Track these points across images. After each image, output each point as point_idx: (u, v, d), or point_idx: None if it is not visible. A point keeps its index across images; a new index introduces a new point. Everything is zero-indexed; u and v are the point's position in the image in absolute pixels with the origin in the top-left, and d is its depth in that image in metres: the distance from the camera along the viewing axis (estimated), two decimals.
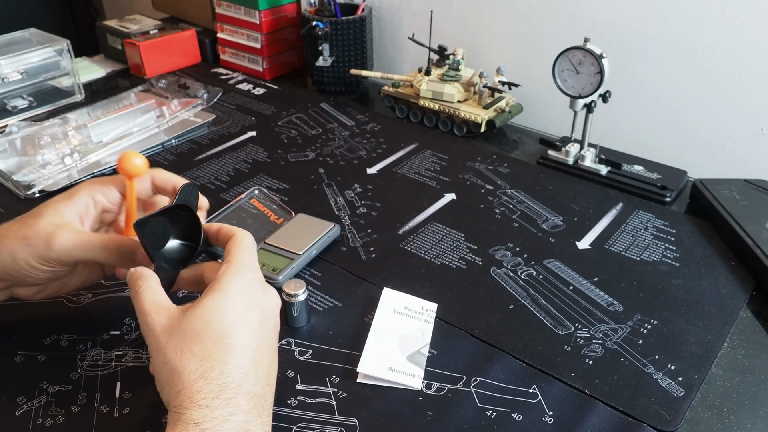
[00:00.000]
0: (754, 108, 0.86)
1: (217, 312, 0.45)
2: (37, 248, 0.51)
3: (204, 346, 0.43)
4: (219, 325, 0.44)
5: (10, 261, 0.51)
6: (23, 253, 0.51)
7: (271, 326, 0.48)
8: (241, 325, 0.45)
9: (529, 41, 1.02)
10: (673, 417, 0.52)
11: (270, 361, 0.47)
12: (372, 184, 0.84)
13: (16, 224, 0.53)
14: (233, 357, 0.43)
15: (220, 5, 1.16)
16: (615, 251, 0.71)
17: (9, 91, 1.03)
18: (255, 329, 0.46)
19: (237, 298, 0.46)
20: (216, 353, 0.43)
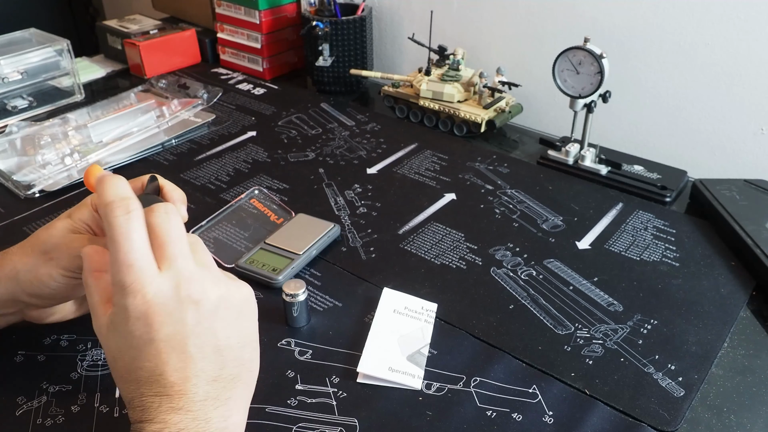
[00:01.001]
0: (754, 108, 0.86)
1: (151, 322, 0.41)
2: (59, 260, 0.50)
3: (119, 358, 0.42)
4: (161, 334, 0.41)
5: (31, 278, 0.50)
6: (46, 268, 0.50)
7: (222, 318, 0.43)
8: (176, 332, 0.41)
9: (529, 41, 1.02)
10: (673, 417, 0.52)
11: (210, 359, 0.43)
12: (372, 184, 0.84)
13: (29, 243, 0.51)
14: (184, 364, 0.41)
15: (220, 5, 1.16)
16: (615, 251, 0.71)
17: (9, 91, 1.03)
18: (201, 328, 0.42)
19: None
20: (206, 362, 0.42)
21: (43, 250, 0.50)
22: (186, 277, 0.41)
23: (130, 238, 0.41)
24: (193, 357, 0.41)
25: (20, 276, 0.50)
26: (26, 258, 0.50)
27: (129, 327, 0.40)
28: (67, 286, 0.51)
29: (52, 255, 0.50)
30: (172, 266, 0.41)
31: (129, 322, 0.40)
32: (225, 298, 0.43)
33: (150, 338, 0.40)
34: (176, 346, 0.40)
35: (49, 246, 0.50)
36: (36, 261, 0.50)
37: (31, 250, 0.51)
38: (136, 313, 0.40)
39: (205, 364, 0.41)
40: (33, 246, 0.51)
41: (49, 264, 0.50)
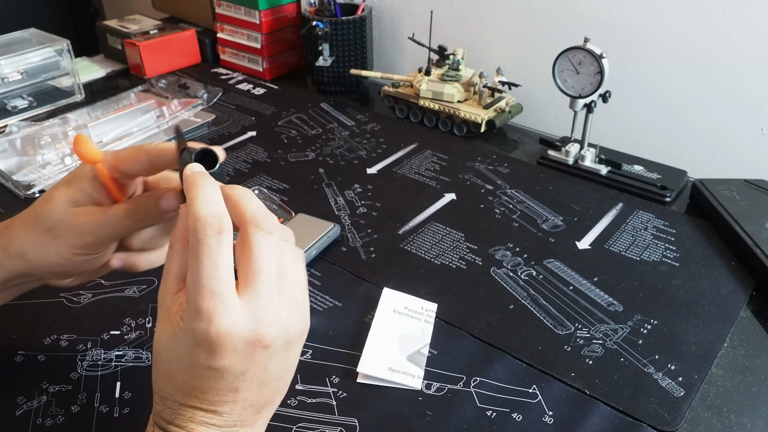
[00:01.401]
0: (754, 108, 0.86)
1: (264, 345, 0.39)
2: (66, 238, 0.47)
3: (245, 377, 0.39)
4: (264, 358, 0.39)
5: (40, 258, 0.48)
6: (54, 247, 0.47)
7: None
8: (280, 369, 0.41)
9: (529, 41, 1.02)
10: (673, 417, 0.52)
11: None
12: (372, 184, 0.84)
13: (30, 218, 0.48)
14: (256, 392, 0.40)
15: (220, 5, 1.16)
16: (615, 251, 0.71)
17: (9, 91, 1.03)
18: (289, 370, 0.42)
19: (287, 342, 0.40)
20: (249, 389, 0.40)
21: (47, 227, 0.47)
22: (264, 320, 0.38)
23: (216, 263, 0.38)
24: (239, 389, 0.40)
25: (28, 255, 0.48)
26: (31, 235, 0.48)
27: (191, 348, 0.38)
28: (80, 262, 0.48)
29: (57, 233, 0.47)
30: (255, 300, 0.38)
31: (193, 345, 0.38)
32: (290, 339, 0.40)
33: (208, 365, 0.38)
34: (228, 378, 0.39)
35: (51, 222, 0.47)
36: (41, 239, 0.47)
37: (33, 227, 0.48)
38: (202, 340, 0.37)
39: (248, 394, 0.40)
40: (35, 222, 0.48)
41: (55, 242, 0.47)
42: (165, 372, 0.40)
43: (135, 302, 0.64)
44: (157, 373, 0.41)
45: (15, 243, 0.48)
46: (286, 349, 0.41)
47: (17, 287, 0.52)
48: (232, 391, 0.39)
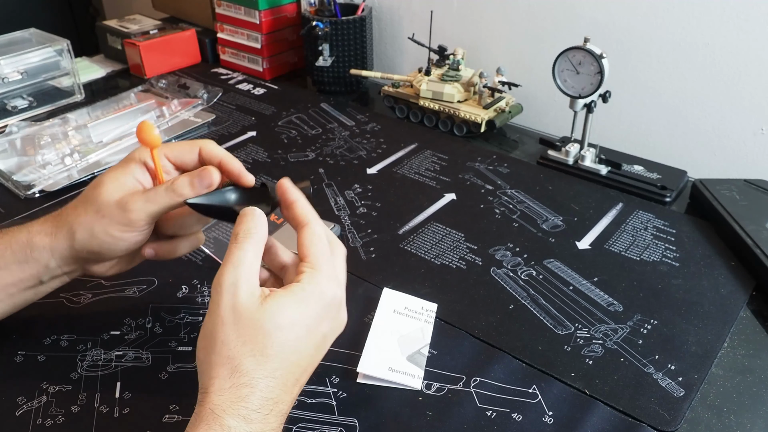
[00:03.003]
0: (754, 108, 0.86)
1: (291, 320, 0.44)
2: (113, 217, 0.51)
3: (265, 351, 0.42)
4: (287, 335, 0.43)
5: (88, 237, 0.52)
6: (101, 226, 0.51)
7: (323, 349, 0.48)
8: (303, 343, 0.44)
9: (529, 41, 1.02)
10: (673, 417, 0.52)
11: (303, 381, 0.46)
12: (372, 184, 0.84)
13: (81, 202, 0.53)
14: (283, 374, 0.43)
15: (220, 5, 1.16)
16: (615, 251, 0.71)
17: (9, 91, 1.03)
18: (312, 350, 0.45)
19: (313, 315, 0.45)
20: (271, 364, 0.42)
21: (95, 208, 0.52)
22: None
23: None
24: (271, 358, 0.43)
25: (77, 235, 0.52)
26: (80, 217, 0.52)
27: (322, 310, 0.46)
28: (125, 242, 0.52)
29: (104, 213, 0.51)
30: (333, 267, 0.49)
31: (326, 306, 0.47)
32: (327, 333, 0.47)
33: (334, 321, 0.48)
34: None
35: (99, 204, 0.51)
36: (90, 219, 0.52)
37: (83, 210, 0.52)
38: (338, 301, 0.48)
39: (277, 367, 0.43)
40: (84, 205, 0.52)
41: (102, 221, 0.51)
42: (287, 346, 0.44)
43: (135, 302, 0.64)
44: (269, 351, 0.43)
45: (65, 225, 0.53)
46: (323, 339, 0.48)
47: (58, 278, 0.55)
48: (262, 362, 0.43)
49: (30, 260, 0.53)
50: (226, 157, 0.54)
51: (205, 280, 0.67)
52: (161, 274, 0.67)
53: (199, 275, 0.67)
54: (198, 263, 0.69)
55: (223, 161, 0.54)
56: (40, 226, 0.54)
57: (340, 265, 0.50)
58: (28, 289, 0.55)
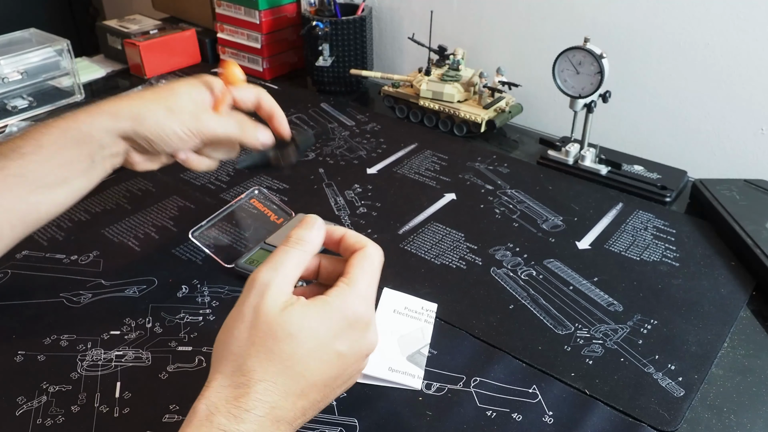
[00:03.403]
0: (754, 108, 0.86)
1: (304, 332, 0.43)
2: (184, 121, 0.58)
3: (270, 354, 0.42)
4: (296, 344, 0.42)
5: (156, 127, 0.58)
6: (170, 122, 0.58)
7: (338, 368, 0.45)
8: (312, 356, 0.43)
9: (529, 41, 1.02)
10: (673, 417, 0.52)
11: (321, 398, 0.45)
12: (372, 184, 0.84)
13: (152, 98, 0.59)
14: (285, 381, 0.42)
15: (220, 5, 1.16)
16: (615, 251, 0.71)
17: (9, 91, 1.03)
18: (322, 365, 0.44)
19: (330, 330, 0.44)
20: (273, 368, 0.42)
21: (167, 106, 0.58)
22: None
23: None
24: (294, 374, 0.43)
25: (144, 120, 0.57)
26: (151, 110, 0.58)
27: (348, 324, 0.45)
28: (181, 143, 0.59)
29: (176, 112, 0.58)
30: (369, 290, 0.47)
31: (351, 322, 0.45)
32: (344, 352, 0.45)
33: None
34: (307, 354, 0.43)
35: (173, 104, 0.59)
36: (161, 111, 0.58)
37: (155, 105, 0.58)
38: (368, 319, 0.46)
39: (291, 384, 0.43)
40: (157, 101, 0.59)
41: (172, 119, 0.58)
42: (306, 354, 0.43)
43: (135, 302, 0.64)
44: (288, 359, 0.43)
45: (133, 108, 0.58)
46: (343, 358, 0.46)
47: (107, 161, 0.59)
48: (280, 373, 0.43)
49: (90, 141, 0.57)
50: (278, 112, 0.65)
51: (205, 280, 0.67)
52: (161, 274, 0.67)
53: (199, 275, 0.67)
54: (198, 263, 0.69)
55: (275, 115, 0.65)
56: (102, 108, 0.58)
57: (375, 286, 0.49)
58: (83, 172, 0.58)
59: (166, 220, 0.77)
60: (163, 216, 0.77)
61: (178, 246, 0.72)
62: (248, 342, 0.42)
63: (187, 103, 0.60)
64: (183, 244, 0.72)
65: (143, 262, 0.69)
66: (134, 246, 0.72)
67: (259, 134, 0.63)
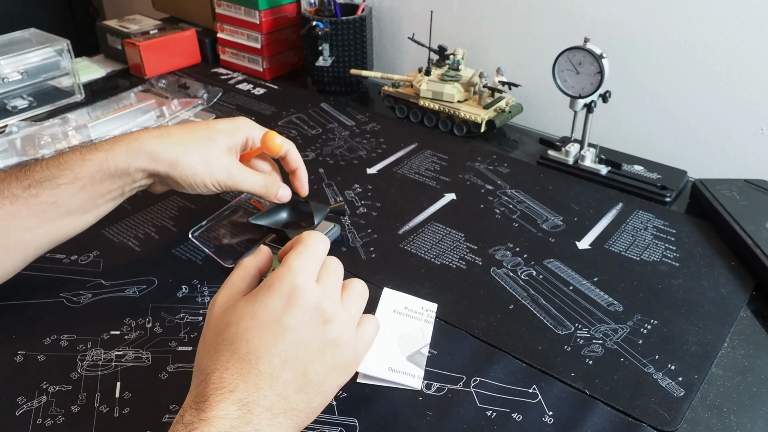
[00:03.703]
0: (754, 108, 0.86)
1: (241, 317, 0.45)
2: (215, 175, 0.64)
3: (218, 347, 0.44)
4: (235, 330, 0.44)
5: (190, 177, 0.63)
6: (204, 176, 0.63)
7: (300, 339, 0.45)
8: (256, 334, 0.44)
9: (529, 41, 1.02)
10: (673, 417, 0.52)
11: (291, 379, 0.44)
12: (372, 184, 0.84)
13: (195, 146, 0.63)
14: (235, 365, 0.43)
15: (220, 5, 1.16)
16: (615, 251, 0.71)
17: (9, 91, 1.03)
18: (271, 340, 0.44)
19: (265, 306, 0.45)
20: (222, 356, 0.43)
21: (205, 158, 0.63)
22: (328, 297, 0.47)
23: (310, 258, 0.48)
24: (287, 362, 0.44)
25: (180, 167, 0.62)
26: (190, 154, 0.63)
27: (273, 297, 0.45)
28: (208, 191, 0.65)
29: (212, 167, 0.64)
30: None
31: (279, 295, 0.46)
32: (291, 324, 0.45)
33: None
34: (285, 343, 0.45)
35: (211, 157, 0.64)
36: (199, 163, 0.63)
37: (194, 153, 0.63)
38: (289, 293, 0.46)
39: (287, 376, 0.44)
40: (197, 149, 0.63)
41: (207, 171, 0.63)
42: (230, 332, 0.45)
43: (135, 302, 0.64)
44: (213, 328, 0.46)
45: (168, 158, 0.62)
46: (333, 350, 0.47)
47: (134, 191, 0.65)
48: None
49: (124, 175, 0.61)
50: (301, 169, 0.72)
51: (205, 280, 0.67)
52: (161, 274, 0.67)
53: (199, 275, 0.67)
54: (198, 263, 0.69)
55: (298, 170, 0.71)
56: (139, 148, 0.61)
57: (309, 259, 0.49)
58: (112, 200, 0.63)
59: (166, 220, 0.77)
60: (163, 216, 0.77)
61: (178, 246, 0.72)
62: (203, 348, 0.45)
63: (223, 157, 0.65)
64: (183, 244, 0.72)
65: (143, 262, 0.69)
66: (134, 246, 0.72)
67: (280, 193, 0.70)
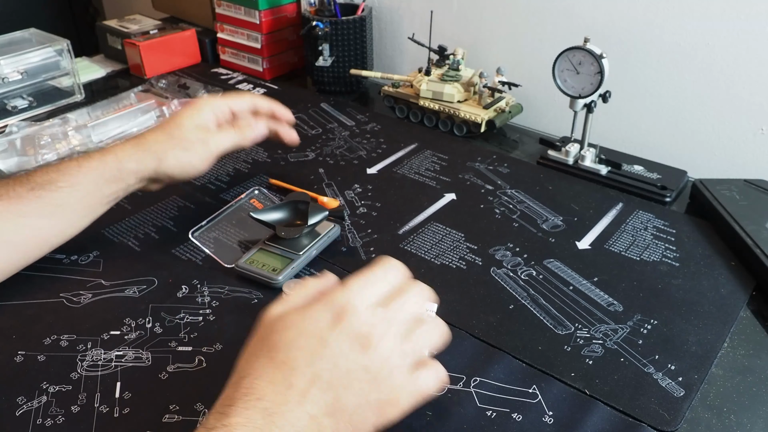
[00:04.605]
0: (754, 108, 0.86)
1: (283, 325, 0.44)
2: (195, 151, 0.70)
3: (257, 352, 0.44)
4: (278, 338, 0.43)
5: (175, 165, 0.69)
6: (186, 158, 0.69)
7: (338, 355, 0.43)
8: (296, 345, 0.43)
9: (529, 41, 1.02)
10: (673, 417, 0.52)
11: (326, 398, 0.42)
12: (372, 184, 0.84)
13: (163, 136, 0.69)
14: (269, 372, 0.42)
15: (220, 5, 1.16)
16: (615, 251, 0.71)
17: (9, 91, 1.03)
18: (308, 352, 0.43)
19: (311, 318, 0.44)
20: (258, 362, 0.43)
21: (181, 143, 0.69)
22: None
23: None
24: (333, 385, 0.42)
25: (165, 162, 0.68)
26: (168, 150, 0.68)
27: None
28: (200, 169, 0.71)
29: (189, 147, 0.69)
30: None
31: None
32: (324, 335, 0.44)
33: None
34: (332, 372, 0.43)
35: (184, 140, 0.69)
36: (178, 152, 0.69)
37: (170, 144, 0.69)
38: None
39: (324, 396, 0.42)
40: (171, 140, 0.69)
41: (187, 154, 0.69)
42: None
43: (135, 302, 0.64)
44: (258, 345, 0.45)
45: (152, 154, 0.68)
46: (364, 381, 0.44)
47: (128, 192, 0.69)
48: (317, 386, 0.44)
49: (118, 181, 0.67)
50: (277, 109, 0.79)
51: (205, 280, 0.67)
52: (161, 274, 0.67)
53: (199, 275, 0.67)
54: (198, 263, 0.69)
55: (275, 112, 0.79)
56: (127, 153, 0.67)
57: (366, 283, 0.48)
58: (106, 204, 0.68)
59: (166, 220, 0.77)
60: (163, 216, 0.77)
61: (178, 246, 0.72)
62: (244, 352, 0.45)
63: (195, 133, 0.70)
64: (183, 244, 0.72)
65: (143, 262, 0.69)
66: (134, 246, 0.72)
67: (255, 132, 0.76)
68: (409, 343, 0.45)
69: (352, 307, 0.44)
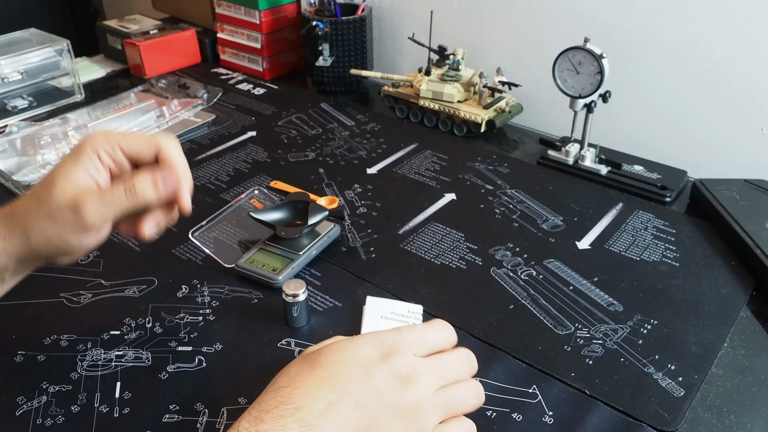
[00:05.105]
0: (754, 108, 0.86)
1: (333, 349, 0.45)
2: (66, 222, 0.49)
3: (302, 366, 0.44)
4: (324, 359, 0.44)
5: (44, 241, 0.50)
6: (55, 232, 0.49)
7: (380, 388, 0.43)
8: (341, 366, 0.44)
9: (529, 41, 1.02)
10: (673, 417, 0.52)
11: (358, 423, 0.42)
12: (372, 184, 0.84)
13: (33, 202, 0.50)
14: (312, 384, 0.42)
15: (220, 5, 1.16)
16: (615, 251, 0.71)
17: (9, 91, 1.03)
18: (351, 376, 0.43)
19: (360, 346, 0.46)
20: (301, 375, 0.43)
21: (48, 212, 0.49)
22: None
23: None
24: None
25: (32, 239, 0.50)
26: (33, 221, 0.50)
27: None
28: (83, 246, 0.51)
29: (57, 217, 0.49)
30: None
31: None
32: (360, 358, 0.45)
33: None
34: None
35: (52, 207, 0.49)
36: (44, 224, 0.50)
37: (35, 213, 0.50)
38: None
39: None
40: (37, 207, 0.50)
41: (56, 227, 0.49)
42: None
43: (135, 302, 0.64)
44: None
45: (18, 229, 0.50)
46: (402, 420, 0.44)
47: (21, 274, 0.54)
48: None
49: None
50: (183, 169, 0.52)
51: (205, 280, 0.67)
52: (161, 274, 0.67)
53: (199, 275, 0.67)
54: (198, 263, 0.69)
55: (180, 174, 0.52)
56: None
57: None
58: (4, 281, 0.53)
59: None
60: None
61: (178, 246, 0.72)
62: (286, 368, 0.45)
63: (65, 196, 0.49)
64: (183, 244, 0.72)
65: (143, 262, 0.69)
66: (134, 246, 0.72)
67: (157, 187, 0.51)
68: (444, 396, 0.46)
69: (400, 349, 0.45)
